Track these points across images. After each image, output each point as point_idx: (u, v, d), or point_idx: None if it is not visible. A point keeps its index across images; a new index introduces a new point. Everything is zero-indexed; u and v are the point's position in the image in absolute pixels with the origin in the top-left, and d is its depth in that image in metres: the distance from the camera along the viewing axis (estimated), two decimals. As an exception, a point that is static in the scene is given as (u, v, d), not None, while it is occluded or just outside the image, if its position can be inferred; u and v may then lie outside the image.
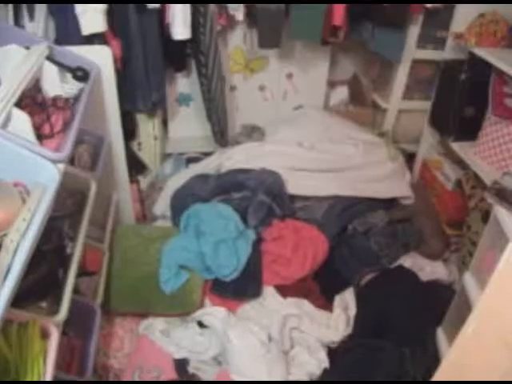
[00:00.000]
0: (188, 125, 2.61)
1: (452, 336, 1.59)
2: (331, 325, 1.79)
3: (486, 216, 1.90)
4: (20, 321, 1.11)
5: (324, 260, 1.93)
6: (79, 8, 1.72)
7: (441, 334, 1.66)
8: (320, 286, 1.94)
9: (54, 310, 1.27)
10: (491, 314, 0.75)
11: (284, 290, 1.86)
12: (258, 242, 1.95)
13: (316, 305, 1.85)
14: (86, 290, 1.67)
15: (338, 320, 1.79)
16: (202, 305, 1.87)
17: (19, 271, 0.96)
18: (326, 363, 1.70)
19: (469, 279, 1.55)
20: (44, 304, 1.30)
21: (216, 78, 2.14)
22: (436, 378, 0.93)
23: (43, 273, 1.30)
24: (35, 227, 1.06)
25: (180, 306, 1.85)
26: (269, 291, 1.86)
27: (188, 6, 1.89)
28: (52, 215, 1.27)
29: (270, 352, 1.65)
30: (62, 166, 1.27)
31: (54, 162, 1.26)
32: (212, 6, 1.98)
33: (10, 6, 1.78)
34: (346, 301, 1.87)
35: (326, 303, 1.87)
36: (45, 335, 1.13)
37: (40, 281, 1.29)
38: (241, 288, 1.85)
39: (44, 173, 1.23)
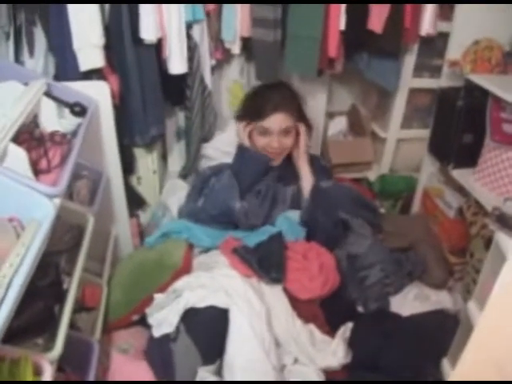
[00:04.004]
0: (187, 159, 2.60)
1: (458, 366, 1.56)
2: (330, 351, 1.74)
3: (488, 243, 1.88)
4: (13, 357, 1.09)
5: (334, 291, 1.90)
6: (76, 44, 1.74)
7: (446, 364, 1.62)
8: (324, 314, 1.90)
9: (50, 346, 1.24)
10: (488, 341, 0.73)
11: (294, 306, 1.81)
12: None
13: (321, 331, 1.81)
14: (85, 326, 1.65)
15: (337, 348, 1.75)
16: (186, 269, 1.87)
17: (11, 306, 0.95)
18: None
19: (472, 308, 1.53)
20: (40, 340, 1.27)
21: (196, 112, 2.15)
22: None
23: (39, 309, 1.28)
24: (29, 262, 1.05)
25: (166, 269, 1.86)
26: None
27: (185, 39, 1.91)
28: (49, 250, 1.27)
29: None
30: (57, 201, 1.27)
31: (50, 196, 1.25)
32: (206, 41, 2.02)
33: (11, 42, 1.81)
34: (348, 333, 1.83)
35: (329, 331, 1.83)
36: (38, 372, 1.11)
37: (36, 317, 1.27)
38: (264, 264, 1.80)
39: (40, 208, 1.22)
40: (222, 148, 2.28)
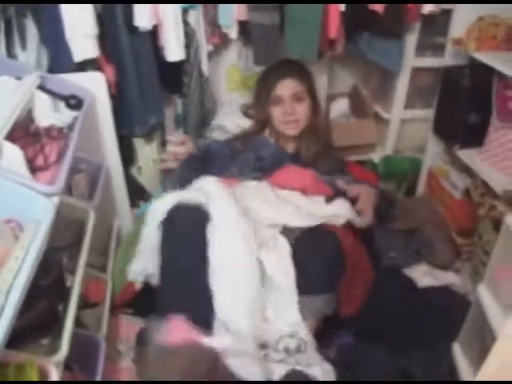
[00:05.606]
0: (187, 146, 2.56)
1: (469, 352, 1.54)
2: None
3: (497, 225, 1.85)
4: (18, 363, 1.06)
5: None
6: (69, 34, 1.70)
7: (457, 349, 1.60)
8: None
9: (55, 346, 1.21)
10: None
11: None
12: None
13: None
14: (90, 322, 1.63)
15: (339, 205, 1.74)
16: None
17: (12, 312, 0.92)
18: None
19: (483, 292, 1.50)
20: (45, 341, 1.25)
21: (194, 99, 2.13)
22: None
23: (43, 308, 1.25)
24: (29, 265, 1.02)
25: None
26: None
27: (181, 26, 1.87)
28: (50, 248, 1.24)
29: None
30: (56, 200, 1.24)
31: (49, 195, 1.22)
32: (203, 26, 1.97)
33: (2, 36, 1.76)
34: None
35: None
36: (44, 376, 1.08)
37: (40, 317, 1.24)
38: None
39: (38, 207, 1.19)
40: (237, 121, 2.25)
